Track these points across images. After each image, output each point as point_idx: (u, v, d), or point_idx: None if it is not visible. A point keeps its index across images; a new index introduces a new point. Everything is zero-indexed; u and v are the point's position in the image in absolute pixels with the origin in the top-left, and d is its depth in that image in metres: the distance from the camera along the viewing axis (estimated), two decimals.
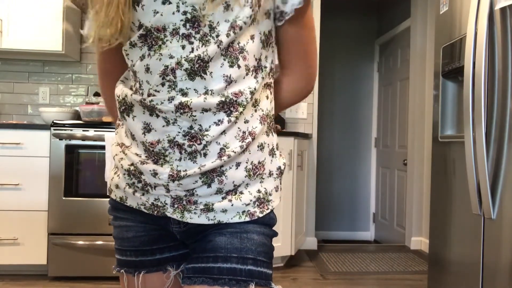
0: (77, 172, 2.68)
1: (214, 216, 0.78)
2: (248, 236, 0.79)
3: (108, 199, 0.92)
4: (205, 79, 0.72)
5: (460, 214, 2.00)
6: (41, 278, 2.73)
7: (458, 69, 2.00)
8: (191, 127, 0.74)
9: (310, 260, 3.34)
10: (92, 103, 2.92)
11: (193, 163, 0.75)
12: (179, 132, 0.74)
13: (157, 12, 0.72)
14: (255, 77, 0.77)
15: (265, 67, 0.79)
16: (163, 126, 0.74)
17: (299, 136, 3.11)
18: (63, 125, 2.68)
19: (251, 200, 0.79)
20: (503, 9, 1.70)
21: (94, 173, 2.68)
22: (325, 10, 4.50)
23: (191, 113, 0.73)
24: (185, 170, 0.75)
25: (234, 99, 0.74)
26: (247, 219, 0.79)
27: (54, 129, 2.67)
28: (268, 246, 0.83)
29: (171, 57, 0.72)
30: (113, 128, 2.68)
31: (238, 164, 0.77)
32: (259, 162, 0.80)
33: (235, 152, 0.75)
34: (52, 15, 2.95)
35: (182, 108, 0.72)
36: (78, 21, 3.30)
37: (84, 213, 2.68)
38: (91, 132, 2.67)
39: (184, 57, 0.72)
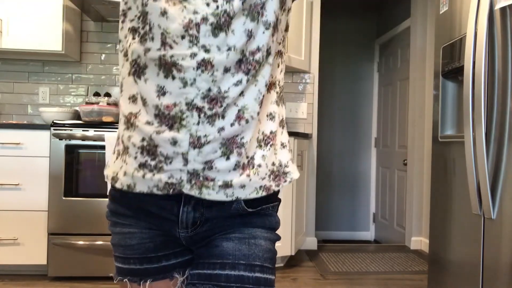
0: (77, 172, 2.68)
1: (233, 192, 0.75)
2: (256, 242, 0.79)
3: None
4: (227, 35, 0.70)
5: (460, 214, 2.00)
6: (41, 278, 2.73)
7: (458, 69, 2.00)
8: (209, 89, 0.71)
9: (310, 260, 3.34)
10: (92, 103, 2.92)
11: (211, 126, 0.72)
12: (198, 94, 0.71)
13: None
14: (273, 35, 0.75)
15: (279, 30, 0.78)
16: (180, 88, 0.71)
17: (299, 136, 3.11)
18: (63, 125, 2.68)
19: (266, 174, 0.78)
20: (503, 9, 1.70)
21: (94, 173, 2.68)
22: (325, 10, 4.50)
23: (213, 72, 0.70)
24: (206, 136, 0.72)
25: (251, 57, 0.72)
26: (264, 193, 0.77)
27: (54, 129, 2.67)
28: (273, 251, 0.82)
29: (196, 12, 0.70)
30: (113, 128, 2.68)
31: (253, 135, 0.75)
32: (271, 132, 0.78)
33: (252, 118, 0.73)
34: (52, 15, 2.95)
35: (204, 65, 0.70)
36: (78, 21, 3.30)
37: (84, 213, 2.68)
38: (91, 132, 2.67)
39: (210, 12, 0.69)
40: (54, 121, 2.69)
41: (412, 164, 3.90)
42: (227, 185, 0.74)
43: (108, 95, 3.28)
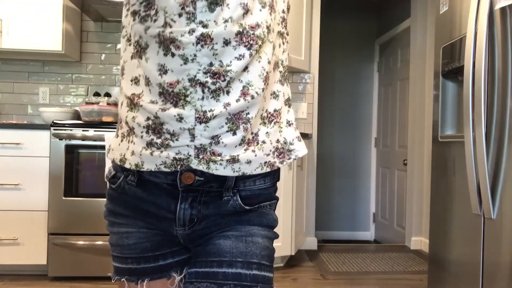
0: (77, 172, 2.68)
1: (239, 168, 0.75)
2: (253, 240, 0.79)
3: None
4: (222, 10, 0.70)
5: (460, 214, 2.00)
6: (41, 278, 2.73)
7: (458, 69, 2.00)
8: (211, 64, 0.71)
9: (310, 260, 3.34)
10: (92, 103, 2.91)
11: (216, 101, 0.72)
12: (199, 70, 0.71)
13: None
14: (270, 14, 0.75)
15: (276, 10, 0.78)
16: (181, 65, 0.71)
17: None
18: (63, 125, 2.68)
19: (270, 150, 0.78)
20: (503, 9, 1.70)
21: (94, 173, 2.68)
22: (325, 10, 4.50)
23: (212, 46, 0.70)
24: (211, 110, 0.72)
25: (251, 32, 0.72)
26: (268, 169, 0.78)
27: (54, 129, 2.67)
28: (271, 249, 0.82)
29: None
30: (113, 128, 2.68)
31: (258, 111, 0.75)
32: (274, 110, 0.79)
33: (258, 94, 0.74)
34: (52, 15, 2.95)
35: (204, 39, 0.70)
36: (78, 21, 3.30)
37: (84, 213, 2.68)
38: (91, 132, 2.67)
39: None
40: (54, 121, 2.69)
41: (412, 164, 3.90)
42: (234, 159, 0.75)
43: (108, 95, 3.28)
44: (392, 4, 4.53)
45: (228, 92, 0.72)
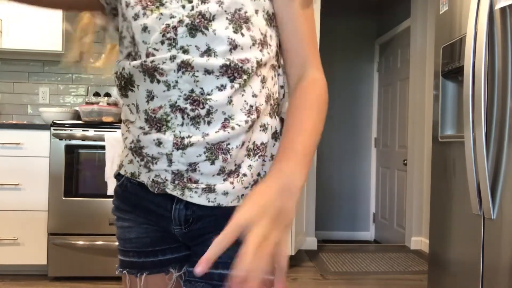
0: (77, 172, 2.68)
1: (215, 198, 0.77)
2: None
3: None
4: (206, 35, 0.71)
5: (460, 214, 2.00)
6: (41, 278, 2.73)
7: (458, 69, 2.00)
8: (192, 91, 0.72)
9: (310, 260, 3.34)
10: (92, 103, 2.91)
11: (196, 129, 0.73)
12: (180, 96, 0.72)
13: None
14: (261, 51, 0.76)
15: (270, 45, 0.79)
16: (164, 91, 0.72)
17: None
18: (63, 125, 2.68)
19: (249, 183, 0.78)
20: (503, 9, 1.70)
21: (94, 173, 2.68)
22: (325, 10, 4.50)
23: (193, 73, 0.71)
24: (189, 137, 0.73)
25: (240, 65, 0.73)
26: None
27: (54, 129, 2.67)
28: None
29: (172, 16, 0.71)
30: (113, 128, 2.68)
31: (242, 143, 0.75)
32: (261, 143, 0.79)
33: (239, 126, 0.74)
34: (52, 15, 2.95)
35: (185, 66, 0.71)
36: None
37: (84, 213, 2.68)
38: (91, 132, 2.67)
39: (185, 14, 0.71)
40: (54, 121, 2.69)
41: (412, 164, 3.90)
42: (210, 189, 0.76)
43: (108, 95, 3.28)
44: (392, 4, 4.53)
45: (209, 123, 0.73)
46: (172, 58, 0.71)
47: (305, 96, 0.81)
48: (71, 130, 2.67)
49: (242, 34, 0.73)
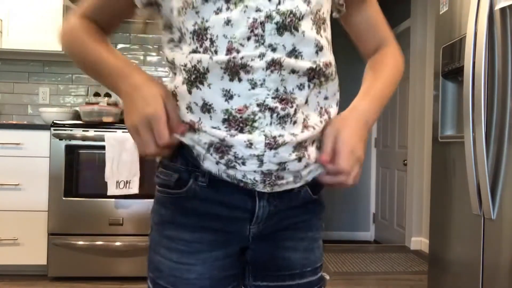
0: (77, 172, 2.68)
1: (301, 180, 0.77)
2: (318, 245, 0.84)
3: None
4: (294, 35, 0.69)
5: (460, 214, 2.00)
6: (41, 278, 2.73)
7: (458, 69, 2.00)
8: (277, 89, 0.70)
9: None
10: (92, 103, 2.92)
11: (282, 128, 0.70)
12: (268, 95, 0.69)
13: None
14: (331, 53, 0.76)
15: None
16: (249, 89, 0.69)
17: None
18: (63, 125, 2.68)
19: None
20: (503, 9, 1.70)
21: (94, 173, 2.68)
22: None
23: (281, 72, 0.69)
24: (281, 136, 0.70)
25: (324, 69, 0.72)
26: (320, 170, 0.79)
27: (54, 129, 2.67)
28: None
29: (258, 10, 0.68)
30: (113, 129, 2.68)
31: (314, 142, 0.76)
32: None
33: (318, 126, 0.74)
34: (52, 15, 2.95)
35: (274, 65, 0.68)
36: None
37: (84, 213, 2.68)
38: (91, 133, 2.67)
39: (274, 10, 0.68)
40: (54, 121, 2.69)
41: (412, 164, 3.90)
42: (296, 177, 0.76)
43: (108, 95, 3.28)
44: (392, 4, 4.53)
45: (294, 122, 0.71)
46: (261, 55, 0.68)
47: (386, 56, 0.89)
48: (71, 130, 2.67)
49: (321, 36, 0.72)
